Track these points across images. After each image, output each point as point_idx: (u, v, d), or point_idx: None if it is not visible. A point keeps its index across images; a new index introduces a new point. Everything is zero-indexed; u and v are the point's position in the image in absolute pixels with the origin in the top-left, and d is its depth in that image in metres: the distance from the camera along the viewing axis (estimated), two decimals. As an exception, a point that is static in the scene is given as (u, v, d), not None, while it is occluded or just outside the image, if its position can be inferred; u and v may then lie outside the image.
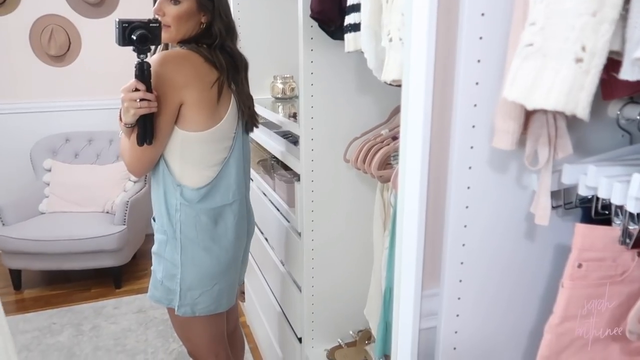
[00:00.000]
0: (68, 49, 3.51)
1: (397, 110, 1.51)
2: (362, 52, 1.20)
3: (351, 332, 1.78)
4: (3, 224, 3.05)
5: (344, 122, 1.55)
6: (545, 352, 0.73)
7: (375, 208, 1.44)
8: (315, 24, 1.42)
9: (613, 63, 0.59)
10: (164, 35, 1.34)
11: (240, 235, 1.50)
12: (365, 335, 1.75)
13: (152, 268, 1.52)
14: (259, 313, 2.37)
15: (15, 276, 3.09)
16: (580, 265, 0.70)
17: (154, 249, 1.49)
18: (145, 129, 1.31)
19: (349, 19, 1.17)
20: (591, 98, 0.56)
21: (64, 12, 3.45)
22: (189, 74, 1.32)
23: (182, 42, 1.39)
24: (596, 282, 0.70)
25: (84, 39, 3.54)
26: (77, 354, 2.51)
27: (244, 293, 2.80)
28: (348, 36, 1.19)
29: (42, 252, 2.94)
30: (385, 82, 1.00)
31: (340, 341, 1.76)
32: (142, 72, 1.26)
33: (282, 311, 1.98)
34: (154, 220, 1.50)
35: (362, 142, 1.38)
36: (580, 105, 0.56)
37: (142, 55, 1.26)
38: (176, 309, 1.46)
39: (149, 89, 1.26)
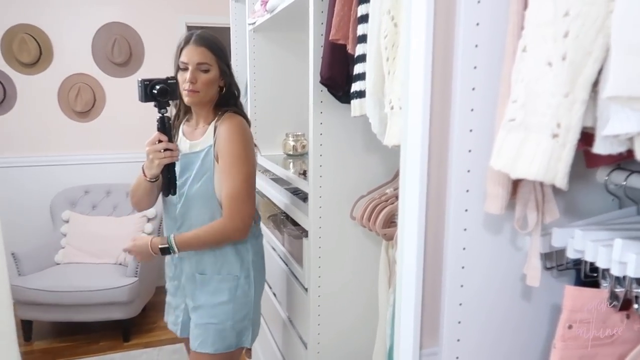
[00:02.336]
0: (93, 106, 3.69)
1: (402, 170, 1.57)
2: (367, 117, 1.28)
3: (357, 391, 1.76)
4: (19, 274, 3.11)
5: (351, 180, 1.61)
6: (541, 414, 0.74)
7: (381, 265, 1.47)
8: (325, 89, 1.51)
9: (589, 137, 0.64)
10: (193, 99, 1.52)
11: None
12: (372, 395, 1.72)
13: (212, 322, 1.58)
14: (266, 370, 2.35)
15: (27, 327, 3.11)
16: (570, 327, 0.72)
17: (218, 300, 1.58)
18: (170, 180, 1.47)
19: (355, 86, 1.25)
20: (568, 169, 0.61)
21: (91, 71, 3.67)
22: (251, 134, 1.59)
23: (201, 105, 1.56)
24: (587, 343, 0.73)
25: (108, 96, 3.72)
26: (82, 408, 2.48)
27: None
28: (354, 102, 1.26)
29: (54, 303, 2.97)
30: (388, 146, 1.07)
31: (347, 400, 1.74)
32: (164, 125, 1.43)
33: (289, 368, 1.97)
34: (216, 273, 1.59)
35: (368, 200, 1.43)
36: (559, 175, 0.61)
37: (162, 110, 1.43)
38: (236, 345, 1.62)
39: (170, 140, 1.44)
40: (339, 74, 1.40)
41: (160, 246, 1.53)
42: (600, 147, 0.59)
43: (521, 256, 0.88)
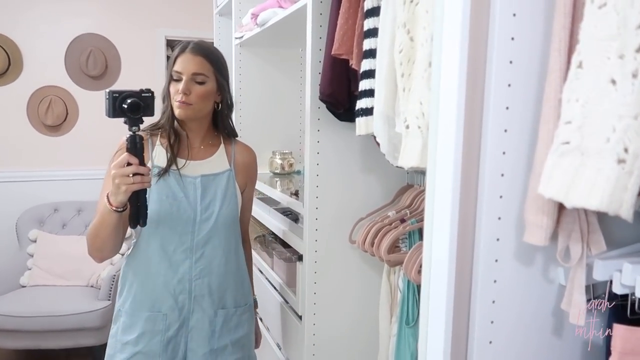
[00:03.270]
0: (65, 119, 3.53)
1: (402, 191, 1.50)
2: (370, 135, 1.21)
3: None
4: (-19, 298, 2.91)
5: (348, 201, 1.53)
6: None
7: (382, 292, 1.39)
8: (323, 106, 1.44)
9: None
10: (185, 112, 1.36)
11: None
12: None
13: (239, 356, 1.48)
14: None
15: (-13, 355, 2.91)
16: (622, 370, 0.66)
17: (242, 333, 1.49)
18: (139, 209, 1.24)
19: (361, 104, 1.18)
20: (634, 199, 0.55)
21: (63, 83, 3.52)
22: None
23: (194, 120, 1.42)
24: (640, 389, 0.66)
25: (82, 110, 3.57)
26: None
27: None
28: (360, 120, 1.19)
29: (19, 329, 2.78)
30: (405, 168, 1.00)
31: None
32: (135, 145, 1.20)
33: (278, 400, 1.85)
34: (232, 307, 1.46)
35: (369, 223, 1.36)
36: (625, 206, 0.55)
37: (134, 127, 1.22)
38: None
39: (142, 163, 1.21)
40: (340, 91, 1.33)
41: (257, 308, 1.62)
42: (672, 176, 0.53)
43: (553, 289, 0.81)
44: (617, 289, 0.70)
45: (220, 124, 1.49)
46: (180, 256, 1.38)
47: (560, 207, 0.69)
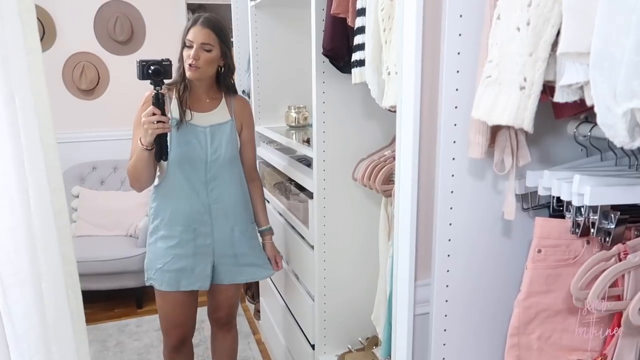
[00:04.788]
0: (97, 84, 3.79)
1: (399, 135, 1.70)
2: (366, 84, 1.41)
3: (360, 339, 1.93)
4: (35, 246, 3.25)
5: (352, 145, 1.74)
6: (515, 323, 0.89)
7: (381, 221, 1.62)
8: (327, 60, 1.63)
9: (553, 89, 0.77)
10: (194, 74, 1.71)
11: None
12: (373, 341, 1.89)
13: (255, 260, 1.91)
14: (274, 328, 2.53)
15: (44, 295, 3.27)
16: (539, 251, 0.87)
17: (256, 242, 1.93)
18: (162, 147, 1.66)
19: (355, 56, 1.38)
20: (533, 115, 0.75)
21: (95, 49, 3.76)
22: None
23: (201, 80, 1.77)
24: (553, 265, 0.87)
25: (112, 73, 3.82)
26: (103, 366, 2.67)
27: (259, 312, 2.95)
28: (355, 70, 1.39)
29: (70, 272, 3.12)
30: (385, 108, 1.20)
31: (350, 347, 1.91)
32: (158, 100, 1.61)
33: (296, 321, 2.13)
34: (244, 224, 1.87)
35: (368, 162, 1.57)
36: (526, 121, 0.75)
37: (157, 87, 1.62)
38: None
39: (163, 114, 1.61)
40: (340, 45, 1.52)
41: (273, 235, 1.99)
42: (558, 97, 0.73)
43: (502, 199, 1.02)
44: (540, 191, 0.91)
45: (222, 82, 1.84)
46: (200, 187, 1.78)
47: (496, 129, 0.90)
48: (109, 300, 3.38)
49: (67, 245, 0.90)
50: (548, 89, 0.77)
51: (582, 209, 0.84)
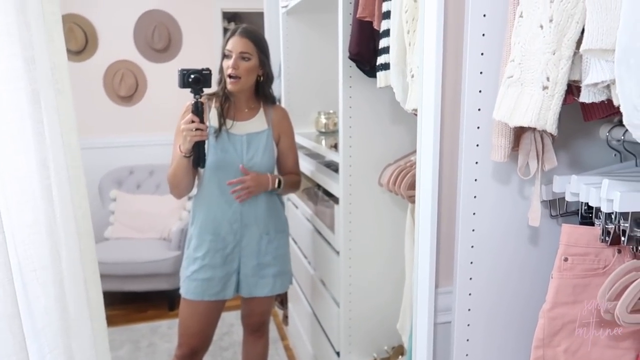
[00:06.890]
0: (135, 90, 3.91)
1: (427, 140, 1.67)
2: (391, 87, 1.39)
3: (386, 348, 1.89)
4: (73, 247, 3.36)
5: (378, 150, 1.72)
6: (540, 335, 0.85)
7: (407, 226, 1.59)
8: (353, 64, 1.62)
9: (579, 90, 0.74)
10: (235, 86, 1.75)
11: None
12: (399, 351, 1.85)
13: (276, 271, 1.88)
14: (301, 334, 2.52)
15: (81, 295, 3.36)
16: (566, 259, 0.83)
17: (282, 252, 1.90)
18: (199, 155, 1.69)
19: (381, 60, 1.36)
20: (556, 116, 0.71)
21: (133, 57, 3.87)
22: None
23: (242, 91, 1.79)
24: (581, 274, 0.83)
25: (150, 81, 3.93)
26: (134, 366, 2.72)
27: (287, 317, 2.95)
28: (380, 74, 1.37)
29: (106, 274, 3.21)
30: (409, 112, 1.18)
31: (376, 356, 1.88)
32: (197, 109, 1.65)
33: (322, 328, 2.12)
34: (273, 233, 1.86)
35: (394, 167, 1.55)
36: (549, 122, 0.71)
37: (197, 96, 1.65)
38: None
39: (202, 122, 1.64)
40: (366, 49, 1.51)
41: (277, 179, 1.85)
42: (584, 97, 0.69)
43: (528, 204, 0.98)
44: (568, 197, 0.87)
45: (261, 92, 1.86)
46: (233, 194, 1.76)
47: (520, 132, 0.86)
48: (142, 301, 3.44)
49: (89, 243, 0.92)
50: (575, 89, 0.73)
51: (612, 215, 0.80)
